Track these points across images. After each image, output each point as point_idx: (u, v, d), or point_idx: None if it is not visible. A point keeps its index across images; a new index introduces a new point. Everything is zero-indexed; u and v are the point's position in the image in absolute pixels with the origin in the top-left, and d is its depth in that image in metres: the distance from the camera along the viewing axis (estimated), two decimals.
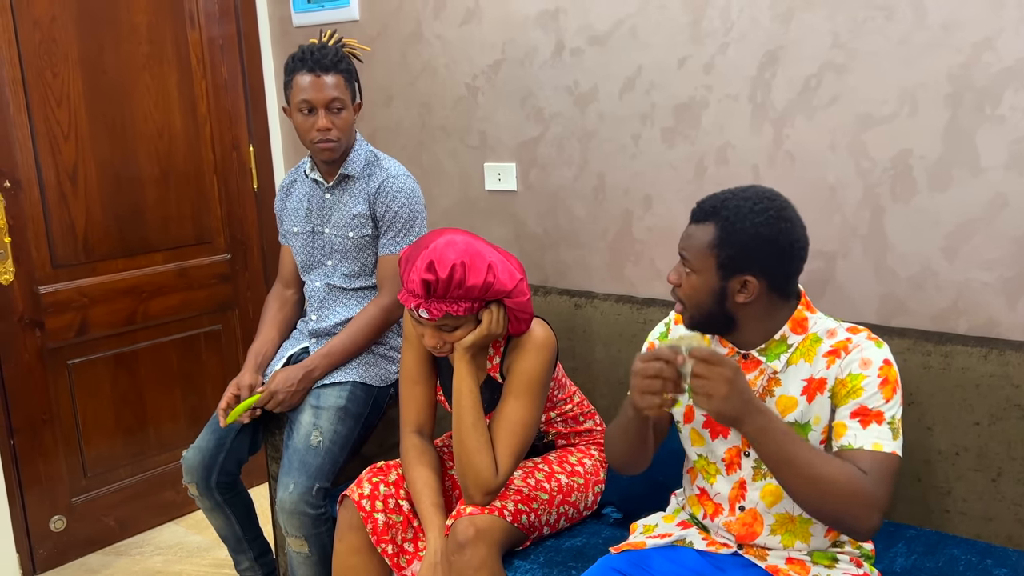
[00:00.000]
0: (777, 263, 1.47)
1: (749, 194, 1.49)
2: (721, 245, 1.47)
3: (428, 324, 1.81)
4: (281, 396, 2.16)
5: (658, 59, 2.33)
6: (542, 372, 1.85)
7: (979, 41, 1.87)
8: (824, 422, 1.50)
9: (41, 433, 2.80)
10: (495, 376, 1.94)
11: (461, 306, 1.77)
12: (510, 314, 1.83)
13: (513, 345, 1.89)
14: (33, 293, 2.74)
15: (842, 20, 2.03)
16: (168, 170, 3.03)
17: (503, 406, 1.85)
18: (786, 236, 1.46)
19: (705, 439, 1.62)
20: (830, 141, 2.10)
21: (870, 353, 1.46)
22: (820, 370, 1.49)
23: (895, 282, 2.07)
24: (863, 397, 1.45)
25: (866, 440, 1.42)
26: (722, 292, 1.48)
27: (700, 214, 1.52)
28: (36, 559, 2.82)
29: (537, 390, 1.85)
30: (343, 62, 2.18)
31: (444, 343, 1.84)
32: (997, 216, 1.91)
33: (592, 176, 2.53)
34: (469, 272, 1.74)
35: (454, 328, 1.81)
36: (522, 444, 1.84)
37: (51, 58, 2.71)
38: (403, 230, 2.23)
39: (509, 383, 1.86)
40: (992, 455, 1.82)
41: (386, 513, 1.91)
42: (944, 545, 1.81)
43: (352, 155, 2.26)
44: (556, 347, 1.89)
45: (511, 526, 1.81)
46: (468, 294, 1.75)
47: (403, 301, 1.81)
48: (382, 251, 2.25)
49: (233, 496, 2.35)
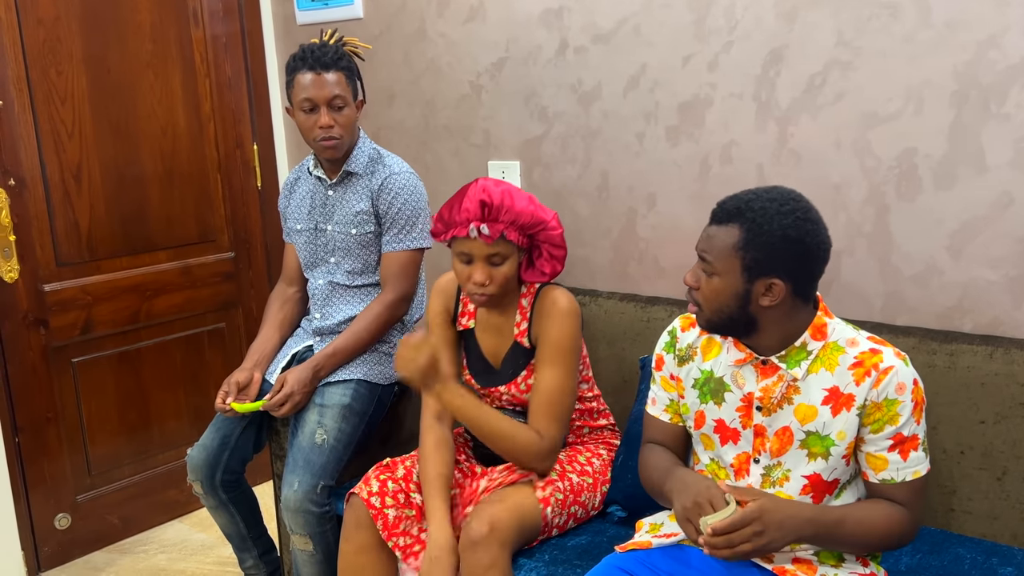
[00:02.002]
0: (803, 265, 1.45)
1: (774, 195, 1.46)
2: (747, 247, 1.44)
3: (480, 253, 1.88)
4: (298, 398, 2.16)
5: (662, 57, 2.33)
6: (573, 338, 1.94)
7: (984, 39, 1.87)
8: (849, 439, 1.49)
9: (45, 431, 2.81)
10: (522, 341, 1.99)
11: (512, 231, 1.88)
12: (545, 250, 1.96)
13: (540, 312, 1.96)
14: (37, 291, 2.75)
15: (847, 18, 2.03)
16: (172, 168, 3.03)
17: (539, 376, 1.93)
18: (813, 237, 1.44)
19: (715, 444, 1.61)
20: (835, 139, 2.09)
21: (904, 376, 1.46)
22: (847, 385, 1.48)
23: (900, 280, 2.06)
24: (900, 424, 1.46)
25: (907, 472, 1.48)
26: (746, 295, 1.46)
27: (723, 215, 1.48)
28: (40, 557, 2.83)
29: (570, 357, 1.94)
30: (344, 59, 2.18)
31: (490, 281, 1.90)
32: (1002, 214, 1.91)
33: (596, 174, 2.53)
34: (516, 199, 1.89)
35: (502, 261, 1.90)
36: (563, 410, 1.93)
37: (55, 56, 2.72)
38: (406, 227, 2.23)
39: (542, 352, 1.94)
40: (997, 454, 1.81)
41: (397, 508, 1.92)
42: (949, 544, 1.81)
43: (355, 152, 2.26)
44: (580, 315, 1.98)
45: (523, 525, 1.82)
46: (518, 219, 1.88)
47: (458, 232, 1.88)
48: (386, 248, 2.25)
49: (237, 494, 2.35)
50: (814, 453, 1.51)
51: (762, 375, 1.54)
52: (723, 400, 1.58)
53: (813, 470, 1.51)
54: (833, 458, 1.50)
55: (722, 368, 1.59)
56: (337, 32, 2.27)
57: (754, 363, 1.55)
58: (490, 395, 2.06)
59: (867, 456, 1.50)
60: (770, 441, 1.53)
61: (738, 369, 1.56)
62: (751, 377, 1.55)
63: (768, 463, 1.54)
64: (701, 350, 1.64)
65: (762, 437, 1.54)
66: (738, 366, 1.56)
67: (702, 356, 1.63)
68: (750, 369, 1.55)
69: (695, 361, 1.64)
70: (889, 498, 1.50)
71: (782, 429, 1.52)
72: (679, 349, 1.68)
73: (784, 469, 1.53)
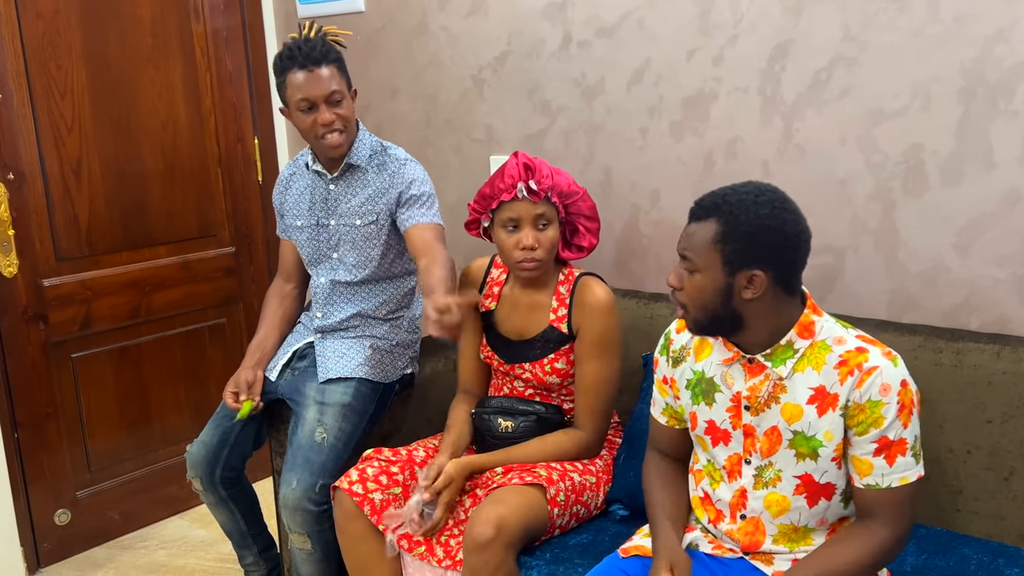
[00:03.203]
0: (783, 254, 1.44)
1: (749, 188, 1.47)
2: (726, 239, 1.43)
3: (528, 214, 1.95)
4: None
5: (666, 51, 2.31)
6: (615, 331, 2.01)
7: (993, 34, 1.85)
8: (836, 440, 1.47)
9: (45, 427, 2.79)
10: (559, 327, 2.03)
11: (554, 195, 1.97)
12: (580, 225, 2.04)
13: (580, 303, 2.01)
14: (37, 286, 2.73)
15: (853, 12, 2.00)
16: (172, 163, 3.01)
17: (584, 371, 2.00)
18: (792, 226, 1.44)
19: (708, 445, 1.60)
20: (840, 135, 2.07)
21: (889, 376, 1.43)
22: (833, 384, 1.46)
23: (906, 278, 2.04)
24: (884, 427, 1.43)
25: (893, 478, 1.44)
26: (728, 289, 1.45)
27: (700, 211, 1.48)
28: (40, 553, 2.82)
29: (614, 348, 2.01)
30: (332, 52, 2.14)
31: (538, 245, 1.95)
32: (1010, 211, 1.89)
33: (599, 170, 2.51)
34: (553, 169, 2.01)
35: (547, 224, 1.97)
36: (607, 401, 2.02)
37: (55, 50, 2.70)
38: (427, 202, 2.19)
39: (583, 346, 1.99)
40: (1004, 453, 1.79)
41: (382, 490, 1.94)
42: (955, 544, 1.79)
43: (356, 144, 2.23)
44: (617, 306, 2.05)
45: (529, 526, 1.81)
46: (558, 183, 1.98)
47: (504, 197, 1.95)
48: (414, 220, 2.16)
49: (237, 491, 2.33)
50: (802, 454, 1.49)
51: (749, 374, 1.53)
52: (713, 400, 1.58)
53: (804, 470, 1.49)
54: (822, 459, 1.48)
55: (712, 368, 1.58)
56: (315, 24, 2.22)
57: (741, 362, 1.53)
58: (511, 372, 2.08)
59: (852, 459, 1.47)
60: (760, 441, 1.52)
61: (727, 368, 1.55)
62: (739, 376, 1.54)
63: (759, 464, 1.53)
64: (694, 351, 1.63)
65: (752, 437, 1.53)
66: (726, 365, 1.55)
67: (695, 357, 1.62)
68: (738, 368, 1.54)
69: (688, 362, 1.63)
70: (874, 504, 1.46)
71: (770, 429, 1.51)
72: (673, 351, 1.67)
73: (775, 470, 1.52)
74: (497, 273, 2.16)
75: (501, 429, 2.04)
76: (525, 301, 2.08)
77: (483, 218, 2.04)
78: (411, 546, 1.89)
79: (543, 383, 2.06)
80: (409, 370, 2.35)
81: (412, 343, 2.35)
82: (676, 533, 1.60)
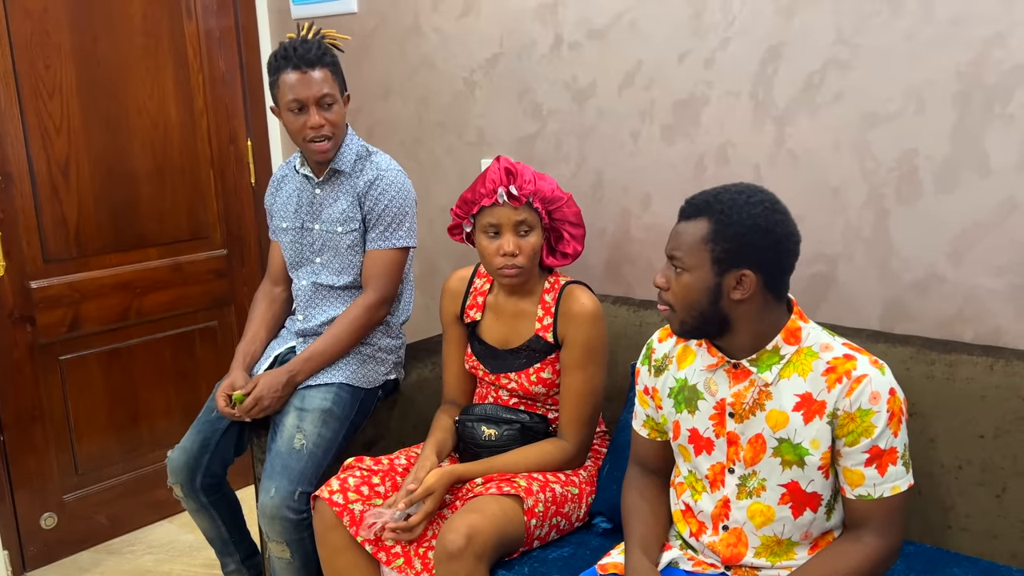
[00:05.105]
0: (773, 256, 1.42)
1: (741, 188, 1.45)
2: (716, 239, 1.41)
3: (509, 220, 1.91)
4: (267, 402, 2.11)
5: (658, 54, 2.26)
6: (601, 340, 1.98)
7: (989, 37, 1.79)
8: (823, 448, 1.44)
9: (31, 430, 2.77)
10: (545, 336, 1.99)
11: (536, 200, 1.94)
12: (564, 232, 2.00)
13: (566, 312, 1.97)
14: (24, 288, 2.71)
15: (847, 14, 1.96)
16: (163, 164, 2.98)
17: (569, 380, 1.96)
18: (782, 228, 1.42)
19: (690, 454, 1.56)
20: (833, 140, 2.02)
21: (878, 384, 1.41)
22: (820, 391, 1.43)
23: (899, 287, 1.99)
24: (875, 436, 1.40)
25: (885, 488, 1.42)
26: (717, 289, 1.42)
27: (691, 210, 1.46)
28: (26, 557, 2.80)
29: (599, 358, 1.98)
30: (327, 55, 2.12)
31: (519, 251, 1.92)
32: (1006, 220, 1.83)
33: (590, 174, 2.46)
34: (535, 172, 1.98)
35: (529, 230, 1.94)
36: (592, 411, 1.98)
37: (43, 49, 2.67)
38: (392, 225, 2.18)
39: (569, 356, 1.96)
40: (997, 470, 1.74)
41: (363, 501, 1.90)
42: (945, 563, 1.73)
43: (343, 149, 2.20)
44: (604, 315, 2.02)
45: (503, 536, 1.76)
46: (540, 189, 1.94)
47: (485, 202, 1.93)
48: (370, 246, 2.20)
49: (219, 498, 2.30)
50: (788, 461, 1.45)
51: (734, 380, 1.49)
52: (696, 408, 1.54)
53: (790, 478, 1.46)
54: (809, 468, 1.44)
55: (696, 375, 1.55)
56: (314, 26, 2.20)
57: (726, 367, 1.50)
58: (496, 382, 2.05)
59: (844, 470, 1.45)
60: (743, 449, 1.49)
61: (711, 375, 1.52)
62: (723, 383, 1.51)
63: (743, 473, 1.50)
64: (676, 359, 1.60)
65: (735, 445, 1.50)
66: (710, 371, 1.52)
67: (677, 365, 1.59)
68: (722, 374, 1.51)
69: (670, 370, 1.60)
70: (865, 515, 1.44)
71: (755, 436, 1.47)
72: (655, 360, 1.64)
73: (759, 479, 1.48)
74: (480, 283, 2.12)
75: (484, 437, 2.00)
76: (510, 309, 2.05)
77: (465, 223, 2.00)
78: (389, 558, 1.86)
79: (529, 393, 2.02)
80: (393, 376, 2.31)
81: (396, 348, 2.31)
82: (653, 553, 1.56)
